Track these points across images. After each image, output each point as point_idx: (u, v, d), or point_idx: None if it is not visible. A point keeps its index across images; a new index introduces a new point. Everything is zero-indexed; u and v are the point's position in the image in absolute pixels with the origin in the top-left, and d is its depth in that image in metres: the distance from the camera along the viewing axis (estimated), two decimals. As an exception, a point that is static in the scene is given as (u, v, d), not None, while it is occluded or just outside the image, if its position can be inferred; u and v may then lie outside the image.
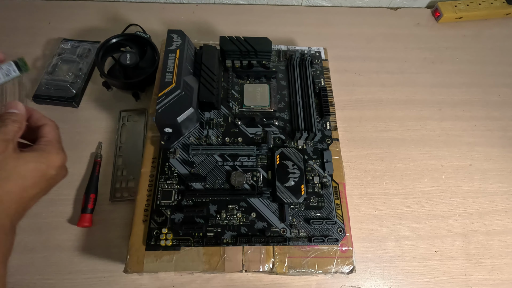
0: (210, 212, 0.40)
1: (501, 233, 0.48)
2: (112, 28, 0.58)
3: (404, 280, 0.44)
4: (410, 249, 0.46)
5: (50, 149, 0.32)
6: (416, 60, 0.62)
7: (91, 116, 0.52)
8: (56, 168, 0.32)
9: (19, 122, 0.32)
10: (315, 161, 0.44)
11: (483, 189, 0.51)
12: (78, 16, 0.62)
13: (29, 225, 0.44)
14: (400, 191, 0.50)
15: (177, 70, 0.43)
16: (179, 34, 0.46)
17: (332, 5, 0.68)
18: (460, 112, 0.57)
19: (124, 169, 0.48)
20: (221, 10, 0.66)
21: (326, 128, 0.47)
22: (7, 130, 0.31)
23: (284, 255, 0.39)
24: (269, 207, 0.41)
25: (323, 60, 0.53)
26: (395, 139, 0.54)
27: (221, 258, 0.39)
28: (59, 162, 0.33)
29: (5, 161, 0.29)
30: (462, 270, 0.45)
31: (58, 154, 0.33)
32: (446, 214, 0.48)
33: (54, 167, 0.32)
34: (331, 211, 0.41)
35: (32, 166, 0.30)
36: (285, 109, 0.48)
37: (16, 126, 0.31)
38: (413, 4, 0.69)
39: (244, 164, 0.43)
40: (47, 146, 0.32)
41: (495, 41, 0.66)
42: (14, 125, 0.31)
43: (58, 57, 0.55)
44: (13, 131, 0.31)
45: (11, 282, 0.41)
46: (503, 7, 0.67)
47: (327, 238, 0.39)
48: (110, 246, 0.43)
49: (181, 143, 0.44)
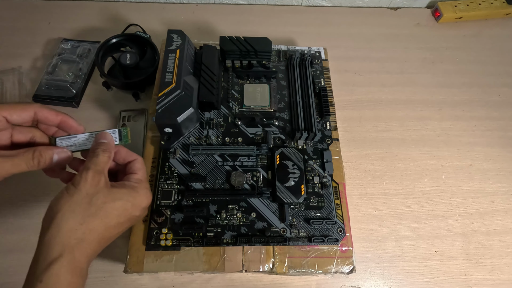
0: (210, 212, 0.40)
1: (501, 233, 0.48)
2: (112, 28, 0.58)
3: (404, 280, 0.44)
4: (410, 249, 0.46)
5: (139, 188, 0.32)
6: (416, 60, 0.62)
7: (91, 116, 0.52)
8: (141, 209, 0.32)
9: (108, 152, 0.32)
10: (315, 161, 0.44)
11: (483, 189, 0.51)
12: (78, 16, 0.62)
13: (29, 225, 0.44)
14: (400, 191, 0.50)
15: (177, 70, 0.43)
16: (179, 34, 0.46)
17: (332, 5, 0.68)
18: (460, 112, 0.57)
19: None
20: (221, 10, 0.66)
21: (326, 128, 0.47)
22: (99, 161, 0.30)
23: (284, 255, 0.39)
24: (269, 207, 0.41)
25: (323, 60, 0.53)
26: (395, 139, 0.54)
27: (221, 258, 0.39)
28: (145, 203, 0.32)
29: (96, 196, 0.28)
30: (462, 270, 0.45)
31: (145, 195, 0.32)
32: (446, 214, 0.48)
33: (139, 208, 0.31)
34: (331, 211, 0.41)
35: (119, 205, 0.30)
36: (285, 109, 0.48)
37: (106, 156, 0.31)
38: (413, 4, 0.69)
39: (244, 164, 0.43)
40: (137, 185, 0.32)
41: (495, 41, 0.66)
42: (105, 155, 0.31)
43: (58, 57, 0.55)
44: (104, 161, 0.31)
45: (11, 282, 0.41)
46: (503, 7, 0.67)
47: (327, 238, 0.39)
48: (110, 246, 0.42)
49: (181, 143, 0.44)
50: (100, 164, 0.30)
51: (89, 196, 0.28)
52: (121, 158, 0.34)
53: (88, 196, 0.28)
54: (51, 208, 0.28)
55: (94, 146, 0.32)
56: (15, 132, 0.32)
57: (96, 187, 0.29)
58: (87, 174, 0.29)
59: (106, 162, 0.31)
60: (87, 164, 0.30)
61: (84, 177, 0.29)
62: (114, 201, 0.29)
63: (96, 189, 0.29)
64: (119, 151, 0.34)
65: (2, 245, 0.42)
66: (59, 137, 0.33)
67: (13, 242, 0.43)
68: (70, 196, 0.28)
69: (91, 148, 0.32)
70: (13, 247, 0.42)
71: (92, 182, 0.29)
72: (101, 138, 0.33)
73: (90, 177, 0.29)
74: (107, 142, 0.32)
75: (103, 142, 0.32)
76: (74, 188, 0.28)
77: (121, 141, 0.35)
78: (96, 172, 0.29)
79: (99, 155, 0.31)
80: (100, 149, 0.31)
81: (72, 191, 0.28)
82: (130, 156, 0.34)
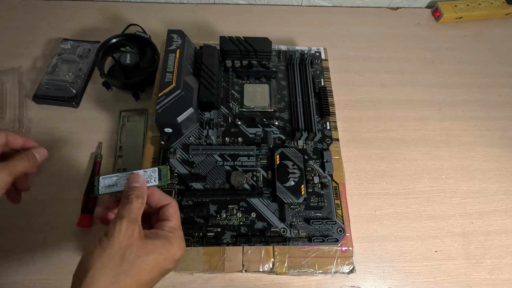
0: (210, 212, 0.40)
1: (501, 233, 0.48)
2: (112, 28, 0.58)
3: (404, 280, 0.44)
4: (410, 249, 0.46)
5: (173, 238, 0.30)
6: (416, 60, 0.62)
7: (91, 116, 0.52)
8: (174, 262, 0.30)
9: (142, 198, 0.30)
10: (315, 161, 0.44)
11: (483, 189, 0.51)
12: (78, 16, 0.62)
13: (29, 225, 0.44)
14: (400, 191, 0.50)
15: (177, 70, 0.43)
16: (179, 34, 0.46)
17: (332, 5, 0.68)
18: (460, 112, 0.57)
19: (124, 169, 0.48)
20: (221, 10, 0.66)
21: (326, 128, 0.47)
22: (132, 208, 0.29)
23: (284, 255, 0.39)
24: (269, 207, 0.41)
25: (323, 60, 0.53)
26: (395, 139, 0.54)
27: (221, 258, 0.39)
28: (178, 255, 0.30)
29: (130, 250, 0.27)
30: (462, 270, 0.45)
31: (179, 245, 0.30)
32: (446, 214, 0.48)
33: (173, 261, 0.30)
34: (331, 211, 0.41)
35: (153, 259, 0.28)
36: (285, 109, 0.48)
37: (140, 203, 0.30)
38: (413, 4, 0.69)
39: (244, 164, 0.43)
40: (171, 234, 0.30)
41: (495, 41, 0.66)
42: (138, 202, 0.30)
43: (58, 57, 0.55)
44: (138, 208, 0.29)
45: (11, 282, 0.41)
46: (503, 7, 0.67)
47: (327, 238, 0.39)
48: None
49: (181, 143, 0.44)
50: (134, 212, 0.29)
51: (122, 250, 0.27)
52: (154, 201, 0.32)
53: (121, 250, 0.27)
54: (82, 263, 0.26)
55: (127, 190, 0.31)
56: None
57: (130, 238, 0.27)
58: (121, 224, 0.27)
59: (140, 209, 0.30)
60: (120, 212, 0.28)
61: (118, 227, 0.27)
62: (147, 255, 0.27)
63: (130, 241, 0.27)
64: (152, 194, 0.32)
65: (2, 245, 0.42)
66: (102, 176, 0.33)
67: (13, 242, 0.43)
68: (103, 250, 0.26)
69: (124, 193, 0.31)
70: (13, 247, 0.42)
71: (126, 233, 0.27)
72: (134, 181, 0.31)
73: (124, 227, 0.27)
74: (140, 186, 0.31)
75: (136, 187, 0.31)
76: (107, 240, 0.27)
77: (160, 181, 0.33)
78: (130, 221, 0.28)
79: (132, 201, 0.29)
80: (133, 194, 0.30)
81: (105, 243, 0.27)
82: (164, 200, 0.33)
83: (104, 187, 0.33)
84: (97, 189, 0.33)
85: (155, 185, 0.33)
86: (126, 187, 0.32)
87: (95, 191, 0.33)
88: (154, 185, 0.33)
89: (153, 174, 0.33)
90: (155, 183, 0.33)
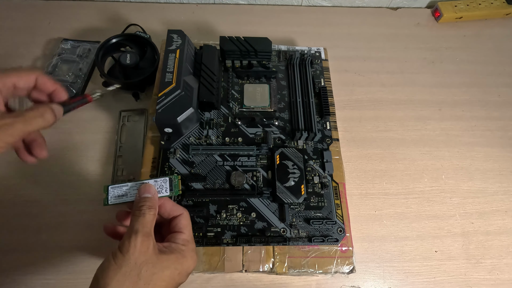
0: (210, 212, 0.40)
1: (501, 233, 0.48)
2: (112, 28, 0.58)
3: (404, 280, 0.44)
4: (410, 249, 0.46)
5: (186, 252, 0.29)
6: (416, 60, 0.62)
7: (91, 116, 0.52)
8: (187, 275, 0.30)
9: (154, 209, 0.30)
10: (315, 161, 0.44)
11: (483, 189, 0.51)
12: (78, 16, 0.62)
13: (29, 225, 0.44)
14: (400, 191, 0.50)
15: (177, 70, 0.43)
16: (179, 34, 0.46)
17: (332, 5, 0.68)
18: (460, 112, 0.57)
19: (124, 169, 0.48)
20: (221, 10, 0.66)
21: (326, 128, 0.47)
22: (146, 221, 0.28)
23: (284, 255, 0.39)
24: (269, 207, 0.41)
25: (323, 60, 0.53)
26: (395, 139, 0.54)
27: (221, 258, 0.39)
28: (191, 268, 0.30)
29: (145, 267, 0.26)
30: (462, 270, 0.45)
31: (192, 258, 0.30)
32: (446, 214, 0.48)
33: (185, 274, 0.29)
34: (331, 211, 0.41)
35: (167, 275, 0.27)
36: (285, 109, 0.48)
37: (152, 214, 0.29)
38: (413, 4, 0.69)
39: (244, 164, 0.43)
40: (184, 247, 0.30)
41: (495, 41, 0.66)
42: (151, 213, 0.29)
43: (58, 57, 0.55)
44: (151, 221, 0.29)
45: (11, 282, 0.41)
46: (503, 7, 0.67)
47: (327, 238, 0.39)
48: (110, 246, 0.43)
49: (181, 143, 0.44)
50: (147, 225, 0.28)
51: (138, 267, 0.26)
52: (166, 212, 0.32)
53: (137, 267, 0.26)
54: (97, 281, 0.26)
55: (138, 201, 0.30)
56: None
57: (145, 254, 0.26)
58: (136, 240, 0.26)
59: (153, 221, 0.29)
60: (134, 225, 0.28)
61: (133, 243, 0.26)
62: (162, 271, 0.27)
63: (145, 257, 0.26)
64: (164, 205, 0.32)
65: (2, 245, 0.42)
66: (111, 185, 0.32)
67: (13, 242, 0.43)
68: (118, 268, 0.26)
69: (135, 204, 0.30)
70: (13, 247, 0.42)
71: (141, 248, 0.26)
72: (145, 192, 0.31)
73: (139, 243, 0.26)
74: (151, 197, 0.30)
75: (148, 197, 0.30)
76: (122, 256, 0.26)
77: (171, 191, 0.32)
78: (145, 236, 0.27)
79: (145, 213, 0.28)
80: (145, 206, 0.29)
81: (121, 260, 0.26)
82: (175, 211, 0.32)
83: (113, 197, 0.32)
84: (106, 199, 0.32)
85: (166, 195, 0.32)
86: (137, 197, 0.31)
87: (104, 202, 0.32)
88: (166, 196, 0.32)
89: (164, 184, 0.32)
90: (166, 193, 0.32)
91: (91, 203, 0.45)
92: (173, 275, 0.28)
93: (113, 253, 0.27)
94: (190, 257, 0.30)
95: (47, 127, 0.30)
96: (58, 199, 0.45)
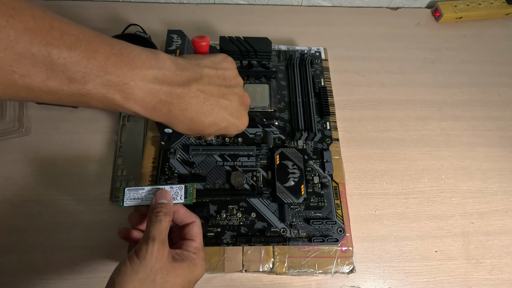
0: (210, 212, 0.40)
1: (501, 233, 0.48)
2: (112, 28, 0.58)
3: (404, 280, 0.44)
4: (410, 249, 0.46)
5: (197, 260, 0.30)
6: (416, 60, 0.62)
7: (91, 116, 0.52)
8: (195, 283, 0.30)
9: (169, 215, 0.30)
10: (315, 161, 0.44)
11: (483, 189, 0.51)
12: (78, 16, 0.62)
13: (29, 225, 0.44)
14: (400, 191, 0.50)
15: (177, 70, 0.43)
16: (179, 34, 0.46)
17: (332, 5, 0.68)
18: (460, 112, 0.57)
19: (124, 169, 0.48)
20: (221, 10, 0.66)
21: (326, 128, 0.47)
22: (162, 228, 0.28)
23: (284, 255, 0.39)
24: (269, 207, 0.41)
25: (323, 60, 0.53)
26: (395, 139, 0.54)
27: (221, 258, 0.39)
28: (200, 277, 0.30)
29: (160, 274, 0.27)
30: (462, 270, 0.45)
31: (202, 267, 0.31)
32: (446, 214, 0.48)
33: (194, 282, 0.30)
34: (331, 211, 0.41)
35: (179, 283, 0.28)
36: (285, 109, 0.48)
37: (168, 221, 0.29)
38: (413, 4, 0.69)
39: (244, 164, 0.43)
40: (195, 256, 0.30)
41: (495, 41, 0.66)
42: (166, 220, 0.29)
43: (58, 57, 0.54)
44: (166, 228, 0.29)
45: (11, 282, 0.41)
46: (503, 7, 0.67)
47: (327, 238, 0.39)
48: (110, 246, 0.43)
49: (181, 144, 0.44)
50: (163, 232, 0.28)
51: (154, 274, 0.26)
52: (179, 219, 0.32)
53: (153, 274, 0.26)
54: (113, 283, 0.26)
55: (154, 206, 0.30)
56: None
57: (160, 261, 0.27)
58: (153, 247, 0.27)
59: (167, 228, 0.29)
60: (151, 231, 0.28)
61: (151, 250, 0.27)
62: (175, 279, 0.28)
63: (160, 265, 0.27)
64: (177, 211, 0.32)
65: (2, 245, 0.42)
66: (128, 187, 0.33)
67: (13, 242, 0.43)
68: (135, 273, 0.26)
69: (151, 209, 0.30)
70: (13, 247, 0.42)
71: (157, 256, 0.27)
72: (162, 198, 0.31)
73: (156, 250, 0.27)
74: (167, 203, 0.31)
75: (164, 203, 0.30)
76: (139, 262, 0.27)
77: (185, 199, 0.33)
78: (161, 243, 0.28)
79: (162, 220, 0.29)
80: (162, 212, 0.29)
81: (137, 266, 0.26)
82: (188, 218, 0.32)
83: (129, 199, 0.32)
84: (121, 200, 0.32)
85: (180, 202, 0.32)
86: (153, 202, 0.31)
87: (119, 202, 0.32)
88: (180, 203, 0.32)
89: (179, 191, 0.33)
90: (181, 200, 0.33)
91: (91, 203, 0.45)
92: (184, 283, 0.28)
93: (130, 257, 0.27)
94: (200, 265, 0.30)
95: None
96: (58, 199, 0.45)
